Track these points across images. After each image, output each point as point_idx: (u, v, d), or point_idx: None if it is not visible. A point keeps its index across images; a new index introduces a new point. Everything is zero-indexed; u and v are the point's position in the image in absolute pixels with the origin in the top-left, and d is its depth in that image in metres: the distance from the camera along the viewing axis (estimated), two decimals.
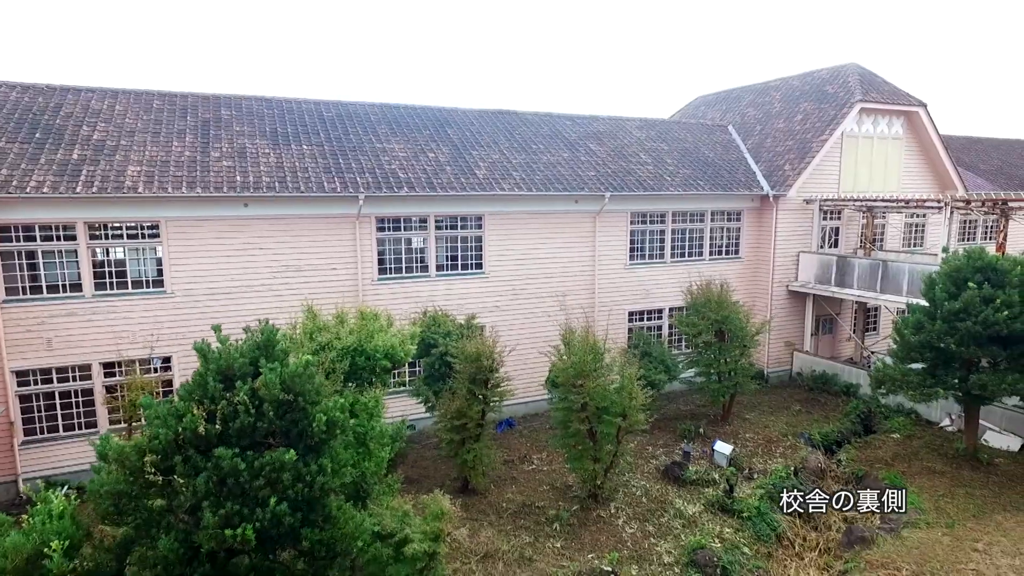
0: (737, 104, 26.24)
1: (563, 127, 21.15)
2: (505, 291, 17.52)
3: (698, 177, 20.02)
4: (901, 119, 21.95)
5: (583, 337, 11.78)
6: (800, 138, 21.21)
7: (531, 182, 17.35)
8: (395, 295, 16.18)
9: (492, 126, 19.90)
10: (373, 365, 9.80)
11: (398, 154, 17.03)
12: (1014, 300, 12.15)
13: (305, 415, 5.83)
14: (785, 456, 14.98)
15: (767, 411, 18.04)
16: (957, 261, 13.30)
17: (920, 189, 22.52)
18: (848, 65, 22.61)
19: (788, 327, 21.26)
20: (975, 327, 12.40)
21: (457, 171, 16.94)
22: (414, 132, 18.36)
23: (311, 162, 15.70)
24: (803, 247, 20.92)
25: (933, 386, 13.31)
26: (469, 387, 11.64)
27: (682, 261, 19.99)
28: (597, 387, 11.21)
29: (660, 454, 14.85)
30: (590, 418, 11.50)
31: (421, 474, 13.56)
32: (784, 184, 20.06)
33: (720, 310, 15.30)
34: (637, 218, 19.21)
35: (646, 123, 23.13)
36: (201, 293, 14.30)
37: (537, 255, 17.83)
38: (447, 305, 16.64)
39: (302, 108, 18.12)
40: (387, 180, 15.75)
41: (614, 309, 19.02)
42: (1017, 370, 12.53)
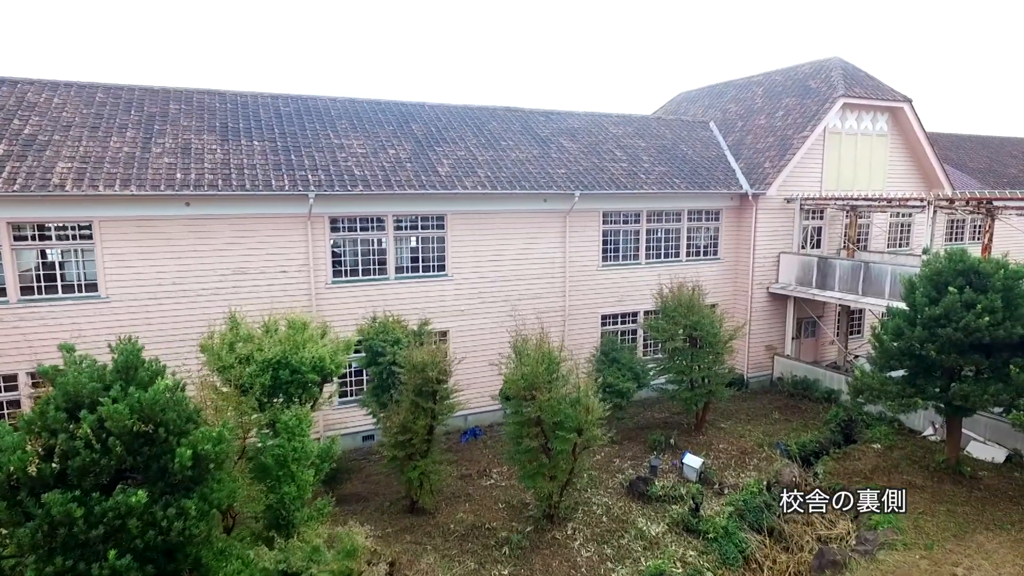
0: (719, 100, 25.49)
1: (536, 123, 20.34)
2: (470, 294, 16.71)
3: (674, 175, 19.25)
4: (886, 115, 21.23)
5: (537, 345, 10.97)
6: (781, 134, 20.46)
7: (496, 180, 16.54)
8: (351, 299, 15.36)
9: (460, 122, 19.09)
10: (300, 379, 8.98)
11: (356, 150, 16.19)
12: (997, 305, 11.42)
13: (167, 449, 5.01)
14: (759, 469, 14.22)
15: (744, 419, 17.29)
16: (938, 263, 12.56)
17: (906, 187, 21.81)
18: (831, 59, 21.88)
19: (769, 330, 20.52)
20: (956, 334, 11.66)
21: (418, 168, 16.12)
22: (376, 128, 17.53)
23: (260, 158, 14.85)
24: (784, 247, 20.19)
25: (913, 396, 12.57)
26: (414, 399, 10.83)
27: (658, 262, 19.22)
28: (550, 400, 10.41)
29: (628, 467, 14.07)
30: (544, 433, 10.72)
31: (371, 490, 12.76)
32: (764, 182, 19.31)
33: (691, 315, 14.52)
34: (610, 218, 18.42)
35: (624, 119, 22.34)
36: (140, 298, 13.45)
37: (505, 256, 17.03)
38: (408, 309, 15.84)
39: (258, 102, 17.26)
40: (341, 178, 14.92)
41: (586, 312, 18.25)
42: (1000, 379, 11.79)
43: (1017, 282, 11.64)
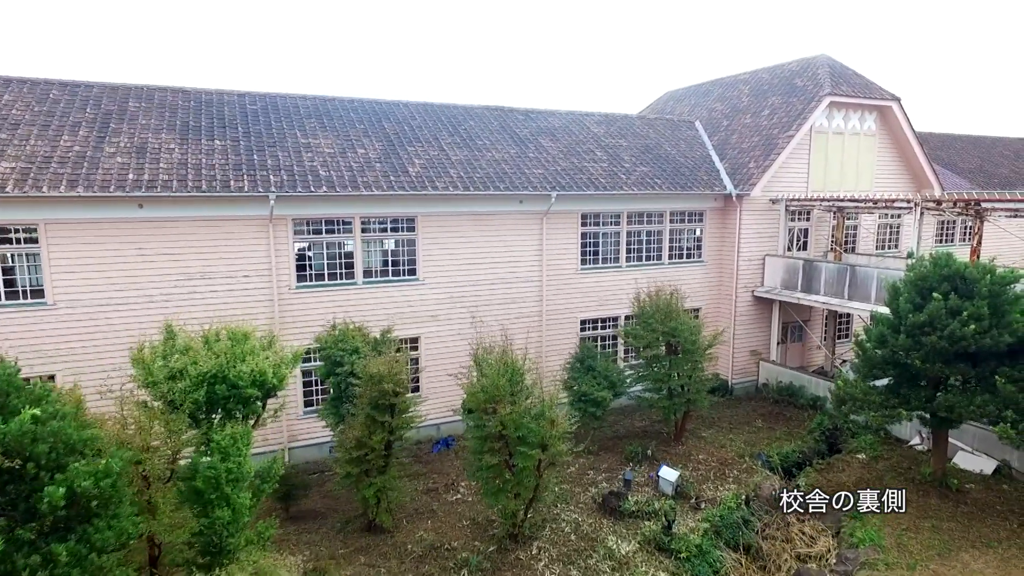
0: (706, 99, 24.95)
1: (515, 122, 19.77)
2: (443, 299, 16.13)
3: (656, 175, 18.70)
4: (874, 114, 20.72)
5: (500, 355, 10.39)
6: (766, 134, 19.93)
7: (469, 180, 15.96)
8: (317, 304, 14.76)
9: (435, 120, 18.51)
10: (239, 394, 8.38)
11: (323, 150, 15.59)
12: (983, 313, 10.88)
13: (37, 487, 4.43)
14: (739, 481, 13.68)
15: (726, 427, 16.75)
16: (923, 268, 12.03)
17: (894, 188, 21.33)
18: (818, 57, 21.35)
19: (754, 335, 19.99)
20: (940, 342, 11.13)
21: (387, 168, 15.53)
22: (347, 127, 16.93)
23: (221, 158, 14.24)
24: (770, 250, 19.66)
25: (897, 406, 12.04)
26: (370, 413, 10.25)
27: (639, 265, 18.67)
28: (512, 414, 9.84)
29: (602, 480, 13.51)
30: (506, 449, 10.14)
31: (331, 506, 12.16)
32: (748, 183, 18.76)
33: (668, 321, 13.96)
34: (589, 219, 17.86)
35: (606, 118, 21.79)
36: (90, 305, 12.82)
37: (479, 260, 16.46)
38: (377, 315, 15.28)
39: (223, 100, 16.64)
40: (304, 178, 14.32)
41: (565, 317, 17.69)
42: (987, 390, 11.27)
43: (1004, 288, 11.11)
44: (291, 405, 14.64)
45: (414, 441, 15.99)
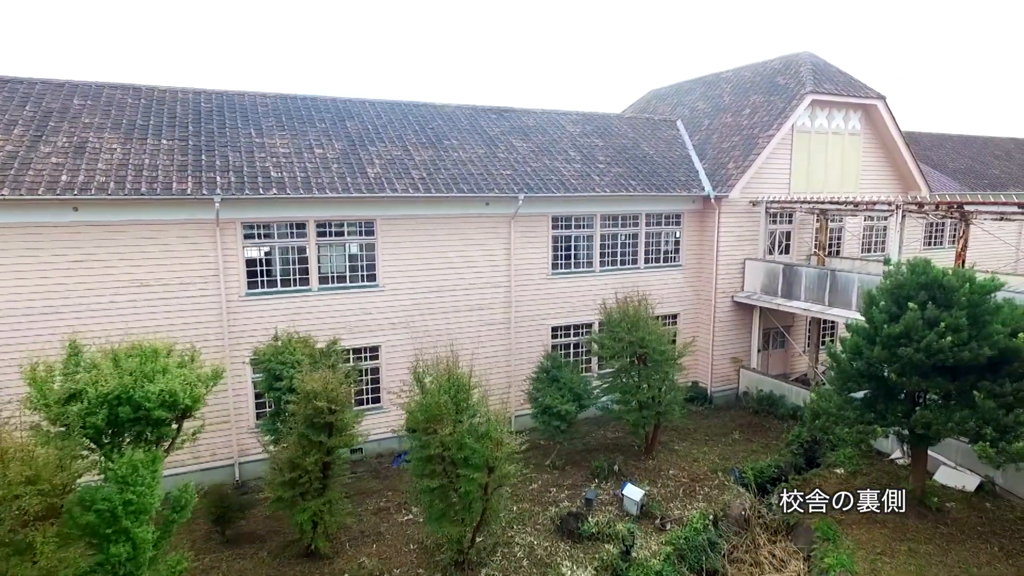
0: (688, 97, 24.29)
1: (486, 121, 19.08)
2: (405, 306, 15.43)
3: (630, 176, 18.01)
4: (859, 113, 20.05)
5: (445, 370, 9.70)
6: (747, 133, 19.25)
7: (431, 182, 15.26)
8: (269, 313, 14.06)
9: (401, 119, 17.82)
10: (146, 416, 7.68)
11: (278, 150, 14.90)
12: (961, 324, 10.20)
13: None
14: (709, 499, 12.99)
15: (701, 439, 16.07)
16: (899, 275, 11.35)
17: (880, 189, 20.67)
18: (801, 54, 20.69)
19: (735, 341, 19.32)
20: (917, 355, 10.46)
21: (345, 169, 14.84)
22: (306, 126, 16.23)
23: (166, 159, 13.54)
24: (750, 253, 18.99)
25: (872, 422, 11.37)
26: (303, 432, 9.55)
27: (614, 270, 17.98)
28: (454, 435, 9.15)
29: (564, 498, 12.82)
30: (448, 470, 9.46)
31: (273, 527, 11.45)
32: (727, 184, 18.09)
33: (635, 331, 13.27)
34: (560, 222, 17.17)
35: (583, 117, 21.11)
36: (18, 315, 12.10)
37: (443, 265, 15.76)
38: (333, 323, 14.60)
39: (176, 98, 15.93)
40: (254, 180, 13.62)
41: (535, 324, 17.00)
42: (967, 406, 10.59)
43: (984, 297, 10.44)
44: (242, 417, 13.96)
45: (375, 455, 15.35)
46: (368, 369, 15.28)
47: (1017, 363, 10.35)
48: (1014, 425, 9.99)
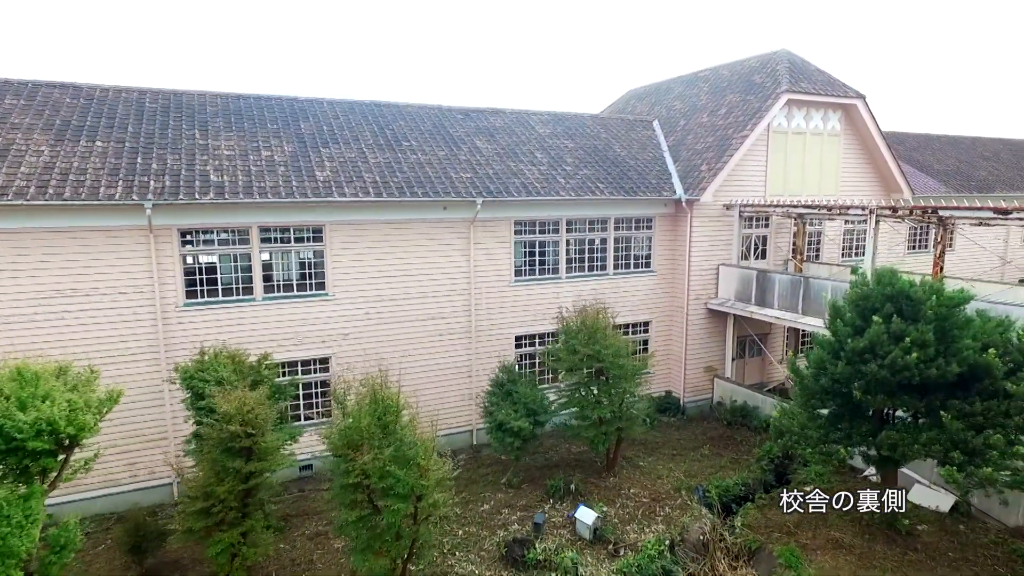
0: (666, 97, 23.61)
1: (451, 122, 18.39)
2: (356, 315, 14.73)
3: (599, 179, 17.33)
4: (838, 113, 19.37)
5: (370, 390, 9.00)
6: (721, 134, 18.57)
7: (384, 185, 14.57)
8: (210, 324, 13.36)
9: (360, 120, 17.12)
10: (21, 448, 6.98)
11: (222, 152, 14.20)
12: (928, 339, 9.52)
13: None
14: (669, 520, 12.31)
15: (668, 454, 15.39)
16: (865, 286, 10.67)
17: (861, 192, 20.01)
18: (778, 52, 20.01)
19: (709, 350, 18.64)
20: (882, 371, 9.78)
21: (292, 173, 14.14)
22: (256, 127, 15.54)
23: (98, 162, 12.83)
24: (725, 259, 18.31)
25: (837, 442, 10.68)
26: (217, 458, 8.85)
27: (581, 276, 17.29)
28: (375, 461, 8.45)
29: (516, 520, 12.13)
30: (372, 499, 8.76)
31: (197, 556, 10.70)
32: (699, 187, 17.40)
33: (592, 343, 12.58)
34: (523, 227, 16.48)
35: (554, 118, 20.41)
36: None
37: (398, 272, 15.07)
38: (279, 334, 13.92)
39: (119, 98, 15.22)
40: (191, 184, 12.92)
41: (497, 333, 16.31)
42: (935, 426, 9.90)
43: (953, 310, 9.75)
44: (181, 434, 13.22)
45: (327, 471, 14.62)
46: (319, 382, 14.60)
47: (988, 380, 9.66)
48: (983, 448, 9.31)
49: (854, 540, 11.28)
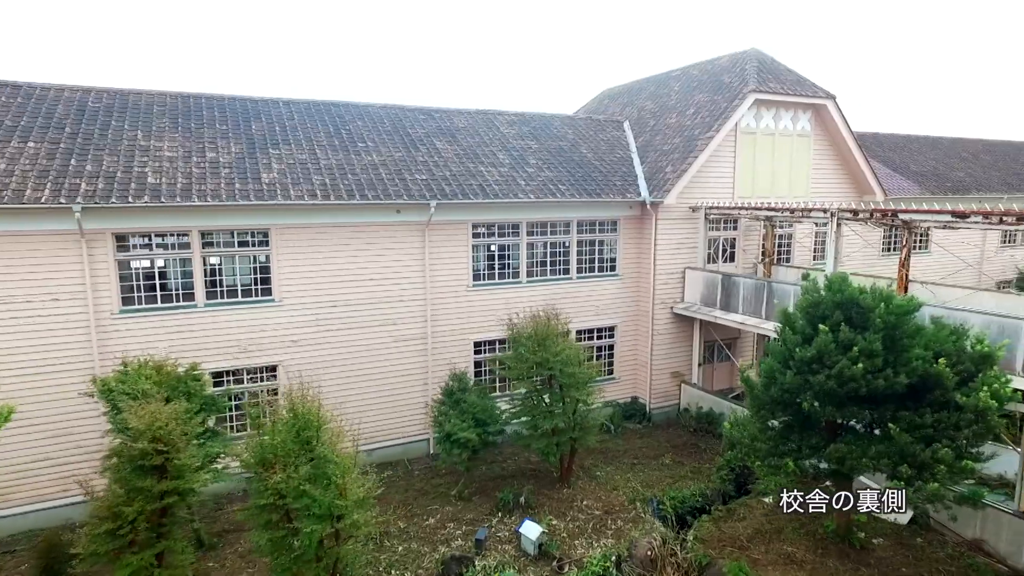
0: (638, 97, 23.24)
1: (412, 122, 17.95)
2: (306, 322, 14.27)
3: (560, 181, 16.92)
4: (808, 113, 19.02)
5: (290, 405, 8.56)
6: (688, 134, 18.19)
7: (333, 188, 14.12)
8: (149, 331, 12.88)
9: (316, 120, 16.66)
10: None
11: (164, 153, 13.72)
12: (876, 348, 9.15)
13: None
14: (620, 534, 11.89)
15: (628, 463, 14.98)
16: (816, 293, 10.29)
17: (833, 194, 19.67)
18: (748, 51, 19.65)
19: (676, 355, 18.25)
20: (829, 382, 9.40)
21: (237, 174, 13.68)
22: (204, 127, 15.06)
23: (27, 163, 12.33)
24: (691, 262, 17.92)
25: (786, 454, 10.30)
26: (125, 477, 8.39)
27: (543, 280, 16.88)
28: (291, 480, 8.01)
29: (461, 535, 11.70)
30: (289, 518, 8.32)
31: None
32: (663, 189, 17.01)
33: (541, 350, 12.16)
34: (482, 230, 16.06)
35: (521, 118, 19.99)
36: None
37: (352, 277, 14.62)
38: (223, 341, 13.47)
39: (60, 97, 14.70)
40: (125, 187, 12.44)
41: (455, 339, 15.87)
42: (886, 438, 9.53)
43: (903, 318, 9.38)
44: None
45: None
46: (267, 390, 14.13)
47: (939, 391, 9.30)
48: (931, 462, 8.94)
49: (806, 555, 10.91)
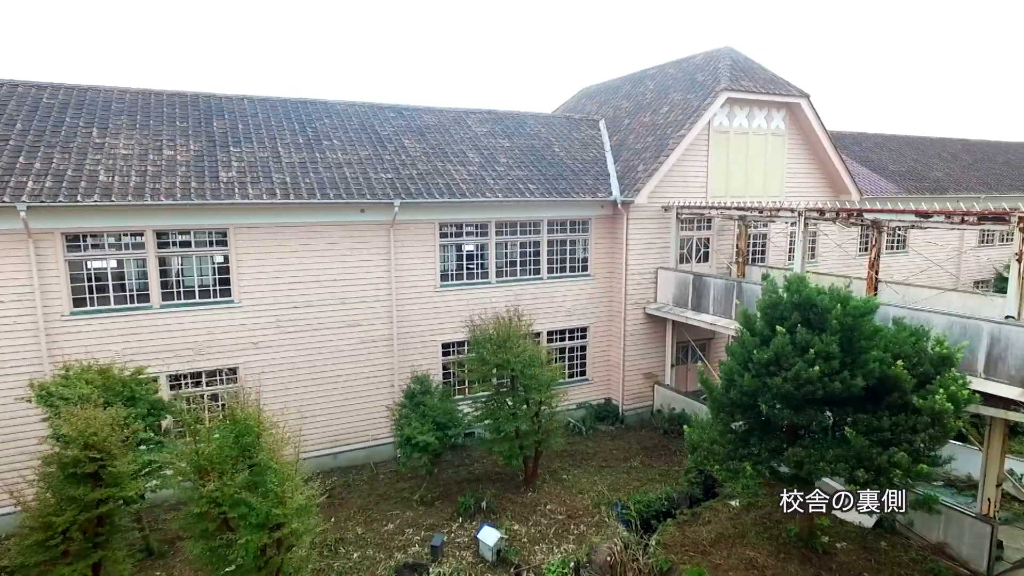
0: (615, 95, 23.07)
1: (381, 120, 17.68)
2: (267, 324, 13.99)
3: (531, 180, 16.70)
4: (782, 112, 18.89)
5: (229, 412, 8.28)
6: (661, 133, 18.02)
7: (293, 187, 13.84)
8: (102, 334, 12.56)
9: (282, 118, 16.37)
10: None
11: (119, 151, 13.39)
12: (832, 350, 8.98)
13: None
14: (582, 539, 11.69)
15: (596, 466, 14.79)
16: (774, 293, 10.12)
17: (808, 193, 19.56)
18: (722, 50, 19.50)
19: (649, 355, 18.08)
20: (785, 385, 9.22)
21: (194, 173, 13.37)
22: (164, 124, 14.73)
23: None
24: (664, 262, 17.75)
25: (743, 458, 10.12)
26: (58, 485, 8.10)
27: (513, 280, 16.65)
28: (228, 488, 7.74)
29: (420, 540, 11.45)
30: (227, 526, 8.05)
31: None
32: (634, 188, 16.83)
33: (502, 352, 11.94)
34: (450, 230, 15.82)
35: (493, 116, 19.76)
36: None
37: (314, 277, 14.34)
38: (179, 343, 13.16)
39: (12, 94, 14.32)
40: (75, 186, 12.10)
41: (422, 340, 15.62)
42: (844, 441, 9.37)
43: (860, 320, 9.22)
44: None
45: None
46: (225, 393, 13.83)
47: (897, 394, 9.14)
48: (888, 466, 8.78)
49: (768, 560, 10.75)
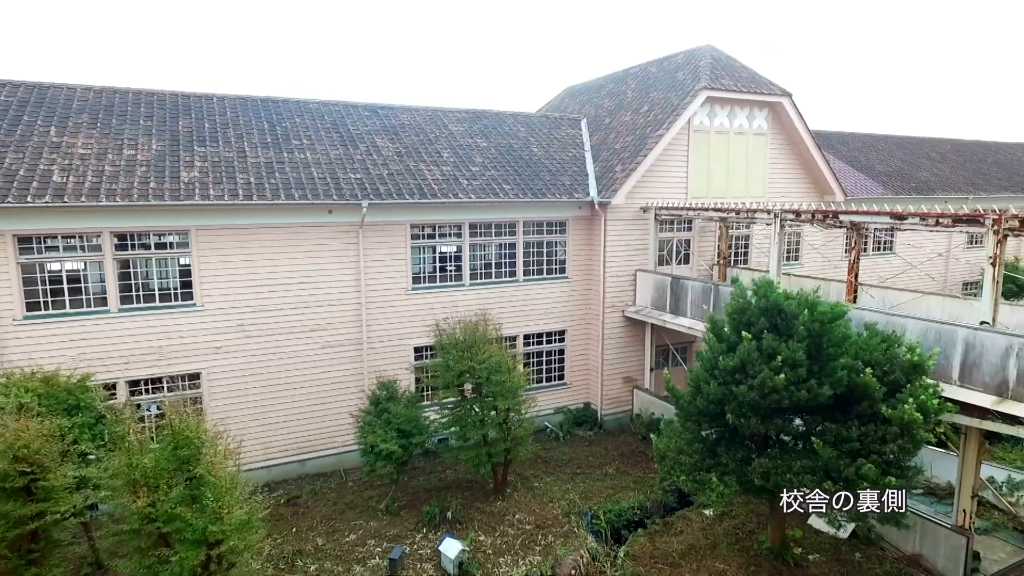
0: (597, 94, 22.73)
1: (355, 119, 17.32)
2: (229, 328, 13.62)
3: (507, 180, 16.35)
4: (764, 111, 18.57)
5: (168, 424, 7.93)
6: (640, 133, 17.68)
7: (258, 187, 13.48)
8: (56, 338, 12.18)
9: (251, 116, 16.00)
10: None
11: (77, 151, 13.02)
12: (799, 358, 8.66)
13: None
14: (549, 551, 11.34)
15: (570, 473, 14.45)
16: (742, 298, 9.79)
17: (791, 193, 19.25)
18: (703, 48, 19.17)
19: (628, 359, 17.75)
20: (751, 393, 8.90)
21: (154, 173, 13.00)
22: (126, 123, 14.36)
23: None
24: (643, 264, 17.42)
25: (710, 469, 9.79)
26: None
27: (487, 283, 16.30)
28: (164, 503, 7.40)
29: (380, 553, 11.10)
30: (165, 541, 7.70)
31: None
32: (612, 188, 16.49)
33: (466, 359, 11.59)
34: (422, 231, 15.47)
35: (471, 115, 19.40)
36: None
37: (280, 280, 13.98)
38: (137, 348, 12.79)
39: None
40: (26, 186, 11.73)
41: (393, 345, 15.26)
42: (812, 452, 9.04)
43: (828, 326, 8.89)
44: None
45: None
46: (190, 399, 13.48)
47: (867, 402, 8.82)
48: (856, 478, 8.46)
49: (738, 572, 10.42)
